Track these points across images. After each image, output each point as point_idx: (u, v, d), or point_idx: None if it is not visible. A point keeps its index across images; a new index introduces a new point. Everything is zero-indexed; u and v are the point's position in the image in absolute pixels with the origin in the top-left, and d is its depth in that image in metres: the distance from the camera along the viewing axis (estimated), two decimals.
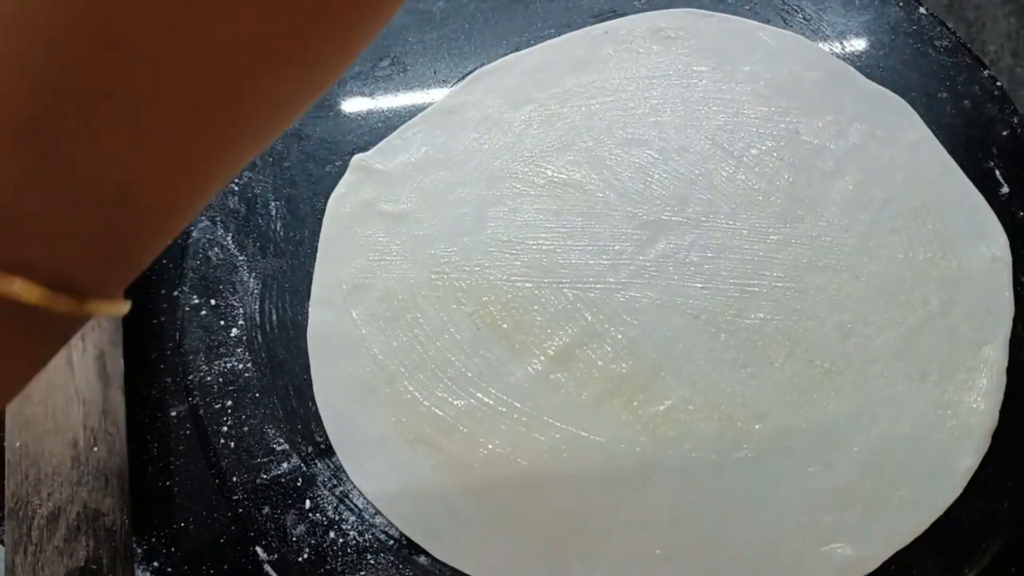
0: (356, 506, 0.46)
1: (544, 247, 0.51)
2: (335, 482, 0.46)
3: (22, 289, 0.23)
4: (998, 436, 0.46)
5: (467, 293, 0.50)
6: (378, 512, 0.45)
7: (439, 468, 0.46)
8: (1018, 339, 0.48)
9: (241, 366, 0.49)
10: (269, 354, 0.49)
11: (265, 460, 0.47)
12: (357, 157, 0.54)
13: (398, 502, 0.46)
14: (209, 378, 0.49)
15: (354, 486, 0.46)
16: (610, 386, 0.47)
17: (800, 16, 0.57)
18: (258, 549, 0.45)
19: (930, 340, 0.47)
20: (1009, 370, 0.47)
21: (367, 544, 0.45)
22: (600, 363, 0.48)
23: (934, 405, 0.46)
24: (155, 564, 0.46)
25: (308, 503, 0.46)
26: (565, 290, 0.49)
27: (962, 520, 0.44)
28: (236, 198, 0.53)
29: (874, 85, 0.54)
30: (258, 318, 0.50)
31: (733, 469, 0.45)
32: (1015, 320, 0.48)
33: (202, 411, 0.48)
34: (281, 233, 0.53)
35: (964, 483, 0.45)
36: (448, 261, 0.51)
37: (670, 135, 0.53)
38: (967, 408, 0.46)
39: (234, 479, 0.46)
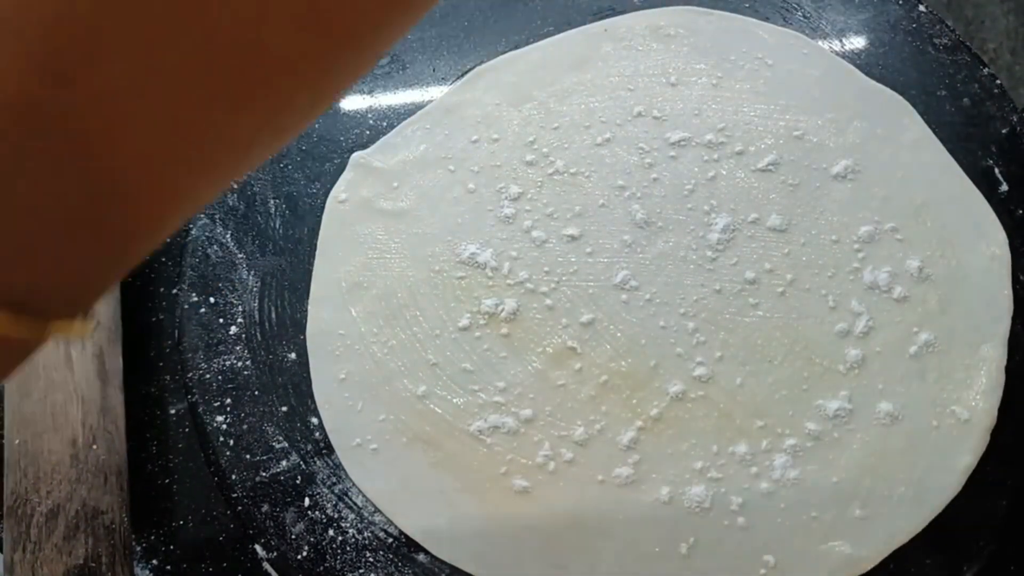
0: (355, 504, 0.46)
1: (543, 245, 0.51)
2: (334, 480, 0.46)
3: None
4: (997, 434, 0.46)
5: (466, 291, 0.50)
6: (377, 510, 0.45)
7: (438, 466, 0.46)
8: (1017, 337, 0.48)
9: (240, 364, 0.49)
10: (268, 352, 0.49)
11: (264, 458, 0.47)
12: (356, 155, 0.54)
13: (397, 500, 0.46)
14: (208, 376, 0.49)
15: (353, 484, 0.46)
16: (609, 384, 0.47)
17: (800, 14, 0.57)
18: (257, 547, 0.45)
19: (929, 338, 0.47)
20: (1008, 368, 0.47)
21: (366, 542, 0.45)
22: (599, 361, 0.48)
23: (933, 403, 0.46)
24: (154, 562, 0.46)
25: (307, 501, 0.46)
26: (564, 288, 0.49)
27: (961, 518, 0.44)
28: (235, 195, 0.53)
29: (873, 83, 0.54)
30: (257, 316, 0.50)
31: (732, 467, 0.45)
32: (1014, 318, 0.48)
33: (201, 409, 0.48)
34: (280, 231, 0.52)
35: (963, 481, 0.45)
36: (447, 259, 0.51)
37: (670, 133, 0.53)
38: (966, 406, 0.46)
39: (233, 477, 0.46)
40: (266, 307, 0.50)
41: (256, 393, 0.48)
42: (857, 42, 0.56)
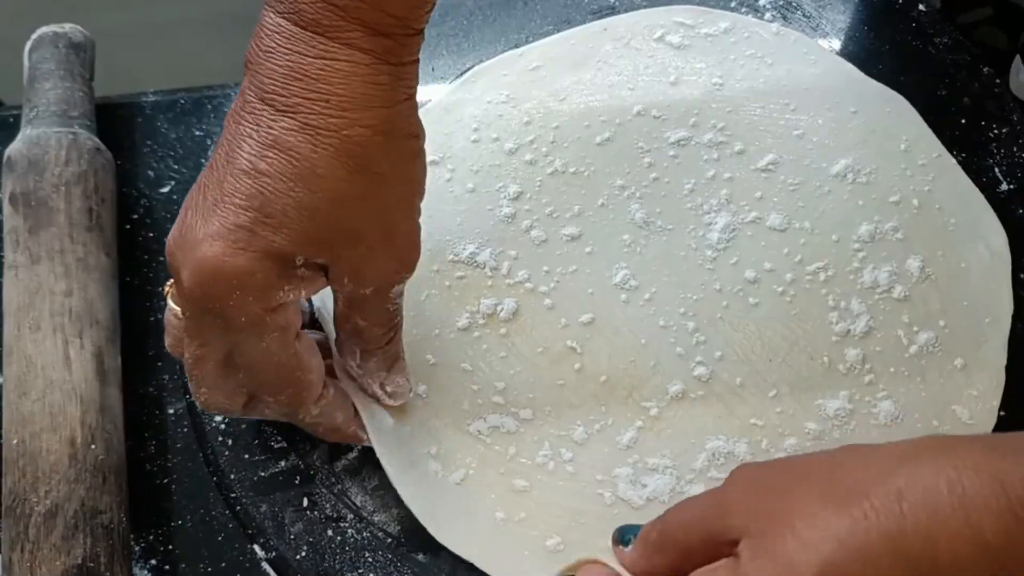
0: (354, 503, 0.45)
1: (543, 244, 0.50)
2: (332, 480, 0.46)
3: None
4: None
5: (465, 291, 0.50)
6: (376, 509, 0.45)
7: (434, 465, 0.46)
8: (1017, 337, 0.47)
9: None
10: None
11: (263, 457, 0.47)
12: None
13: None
14: None
15: (352, 483, 0.46)
16: (609, 383, 0.47)
17: (800, 13, 0.57)
18: (256, 547, 0.45)
19: (930, 337, 0.47)
20: (1008, 369, 0.47)
21: (365, 542, 0.45)
22: (599, 361, 0.47)
23: (934, 403, 0.46)
24: (152, 562, 0.46)
25: (306, 501, 0.46)
26: (563, 288, 0.49)
27: None
28: None
29: (873, 82, 0.54)
30: None
31: (732, 467, 0.45)
32: (1014, 318, 0.48)
33: (200, 408, 0.48)
34: None
35: None
36: (446, 259, 0.50)
37: (670, 132, 0.53)
38: (967, 406, 0.46)
39: (232, 476, 0.46)
40: None
41: None
42: (857, 41, 0.56)
